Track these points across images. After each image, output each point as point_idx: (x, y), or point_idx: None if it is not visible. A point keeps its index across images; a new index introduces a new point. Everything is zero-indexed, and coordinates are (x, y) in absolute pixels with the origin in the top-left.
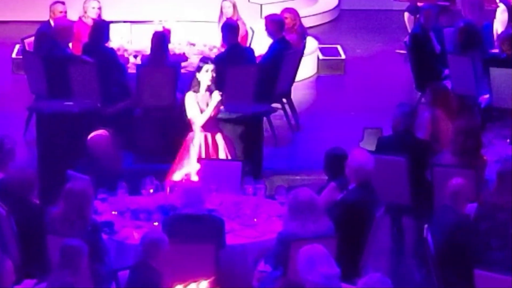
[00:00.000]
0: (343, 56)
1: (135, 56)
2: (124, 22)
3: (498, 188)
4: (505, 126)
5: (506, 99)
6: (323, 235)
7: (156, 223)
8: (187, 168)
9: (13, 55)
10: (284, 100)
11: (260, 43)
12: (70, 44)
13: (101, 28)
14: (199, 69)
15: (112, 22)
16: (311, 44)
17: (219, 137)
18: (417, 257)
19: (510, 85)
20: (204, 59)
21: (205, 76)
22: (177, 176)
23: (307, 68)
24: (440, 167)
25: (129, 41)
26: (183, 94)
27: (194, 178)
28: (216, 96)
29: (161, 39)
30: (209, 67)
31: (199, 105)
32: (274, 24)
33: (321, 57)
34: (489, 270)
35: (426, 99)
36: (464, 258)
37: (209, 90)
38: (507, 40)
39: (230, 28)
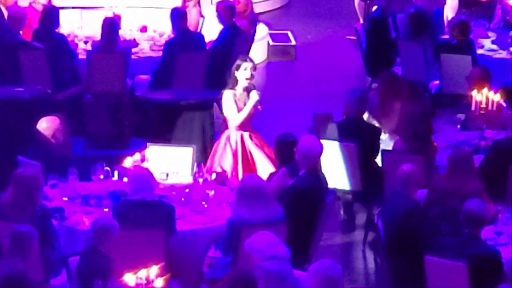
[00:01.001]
0: (293, 42)
1: (86, 42)
2: (75, 8)
3: (449, 174)
4: (455, 112)
5: (456, 85)
6: (273, 221)
7: (106, 209)
8: (138, 155)
9: None
10: None
11: (211, 29)
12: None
13: (51, 14)
14: (237, 67)
15: (62, 8)
16: (262, 30)
17: (255, 136)
18: (368, 243)
19: (461, 71)
20: (243, 57)
21: (243, 74)
22: (128, 162)
23: (258, 54)
24: (391, 153)
25: (80, 27)
26: (133, 80)
27: (145, 164)
28: (255, 95)
29: (111, 25)
30: (248, 65)
31: (237, 104)
32: (226, 10)
33: (271, 43)
34: (439, 255)
35: (377, 87)
36: (414, 244)
37: (247, 89)
38: (458, 26)
39: (178, 14)
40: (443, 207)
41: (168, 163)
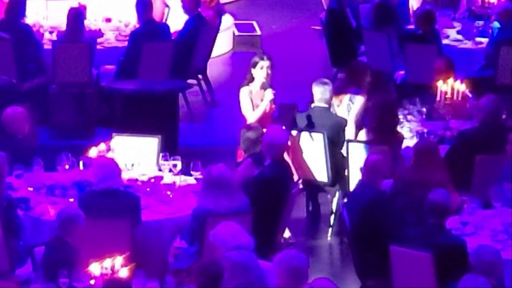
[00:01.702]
0: (258, 32)
1: (51, 32)
2: None
3: (414, 165)
4: (420, 102)
5: (421, 75)
6: (238, 211)
7: (71, 199)
8: (103, 145)
9: None
10: (200, 76)
11: (176, 19)
12: None
13: (17, 4)
14: (254, 64)
15: None
16: (227, 20)
17: None
18: (333, 233)
19: (426, 61)
20: (260, 54)
21: (260, 72)
22: (93, 152)
23: (223, 44)
24: (356, 143)
25: (45, 17)
26: (98, 70)
27: (110, 154)
28: (269, 94)
29: (76, 15)
30: (265, 63)
31: (253, 102)
32: (191, 0)
33: (236, 33)
34: (404, 246)
35: (346, 76)
36: (380, 233)
37: (264, 86)
38: (423, 16)
39: (143, 4)
40: (408, 198)
41: (134, 153)
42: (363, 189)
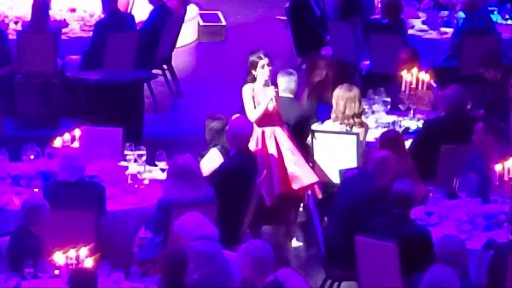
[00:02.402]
0: (223, 22)
1: (16, 23)
2: None
3: None
4: (385, 92)
5: (386, 65)
6: (203, 201)
7: (36, 189)
8: (68, 136)
9: None
10: (165, 66)
11: (141, 9)
12: None
13: None
14: (253, 65)
15: None
16: (192, 10)
17: (279, 131)
18: (298, 223)
19: (391, 51)
20: (256, 53)
21: (262, 71)
22: (58, 142)
23: (188, 34)
24: (321, 133)
25: (10, 7)
26: (63, 60)
27: (75, 144)
28: (271, 92)
29: (41, 5)
30: (264, 61)
31: (256, 100)
32: None
33: (201, 23)
34: (369, 236)
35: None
36: (357, 227)
37: (267, 84)
38: (388, 6)
39: None
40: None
41: (99, 143)
42: (363, 182)
